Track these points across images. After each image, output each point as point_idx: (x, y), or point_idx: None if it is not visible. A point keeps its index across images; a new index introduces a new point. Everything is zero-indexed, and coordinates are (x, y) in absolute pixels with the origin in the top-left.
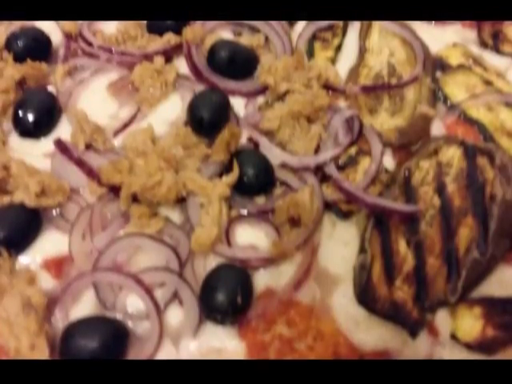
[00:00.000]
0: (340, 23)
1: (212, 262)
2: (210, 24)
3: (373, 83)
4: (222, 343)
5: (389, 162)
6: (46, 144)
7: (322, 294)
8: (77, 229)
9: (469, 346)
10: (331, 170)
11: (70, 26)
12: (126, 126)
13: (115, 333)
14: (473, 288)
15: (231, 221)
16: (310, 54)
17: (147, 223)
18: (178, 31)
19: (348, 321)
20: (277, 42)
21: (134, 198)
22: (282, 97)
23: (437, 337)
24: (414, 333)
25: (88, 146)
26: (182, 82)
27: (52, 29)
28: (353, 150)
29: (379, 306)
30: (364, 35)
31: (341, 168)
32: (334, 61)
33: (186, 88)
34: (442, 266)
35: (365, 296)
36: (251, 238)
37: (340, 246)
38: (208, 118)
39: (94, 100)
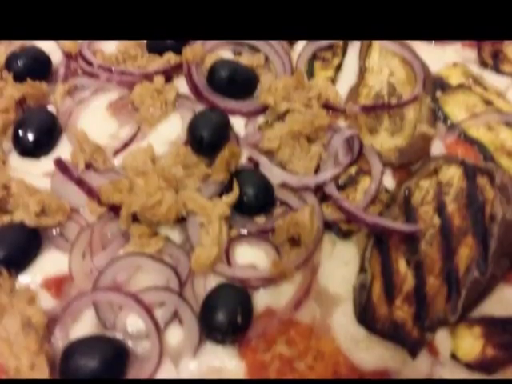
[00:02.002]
0: (340, 43)
1: (212, 282)
2: (210, 43)
3: (373, 103)
4: (222, 363)
5: (389, 181)
6: (46, 163)
7: (321, 314)
8: (77, 248)
9: (469, 366)
10: (331, 189)
11: (70, 45)
12: (126, 145)
13: (115, 352)
14: (473, 308)
15: (231, 240)
16: (310, 73)
17: (147, 243)
18: (177, 51)
19: (348, 340)
20: (277, 62)
21: (134, 218)
22: (282, 116)
23: (437, 356)
24: (413, 352)
25: (88, 166)
26: (182, 101)
27: (52, 48)
28: (353, 170)
29: (379, 325)
30: (364, 55)
31: (341, 188)
32: (334, 80)
33: (186, 108)
34: (442, 285)
35: (365, 315)
36: (251, 257)
37: (340, 265)
38: (208, 138)
39: (94, 119)
